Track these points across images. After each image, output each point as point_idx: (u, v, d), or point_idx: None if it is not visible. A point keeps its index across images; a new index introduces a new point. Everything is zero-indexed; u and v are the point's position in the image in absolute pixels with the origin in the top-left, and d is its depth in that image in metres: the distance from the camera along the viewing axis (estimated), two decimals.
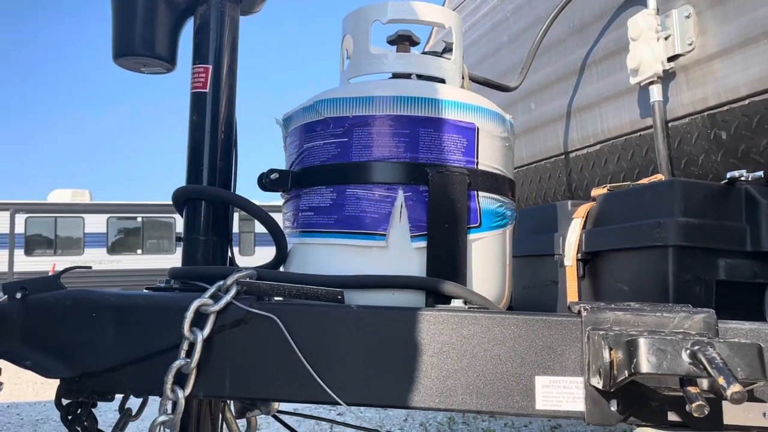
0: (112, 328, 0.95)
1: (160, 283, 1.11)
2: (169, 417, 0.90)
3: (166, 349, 0.93)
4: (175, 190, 1.17)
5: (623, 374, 0.76)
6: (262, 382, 0.92)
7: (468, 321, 0.89)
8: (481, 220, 1.10)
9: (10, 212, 14.70)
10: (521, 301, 1.58)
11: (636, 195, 1.24)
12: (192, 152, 1.19)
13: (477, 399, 0.88)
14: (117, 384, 0.97)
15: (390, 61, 1.16)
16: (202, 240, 1.16)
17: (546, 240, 1.47)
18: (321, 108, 1.11)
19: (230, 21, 1.22)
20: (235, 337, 0.92)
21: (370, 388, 0.90)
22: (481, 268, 1.10)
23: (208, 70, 1.19)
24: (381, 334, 0.90)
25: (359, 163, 1.06)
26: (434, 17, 1.19)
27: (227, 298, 0.91)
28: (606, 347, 0.79)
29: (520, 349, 0.88)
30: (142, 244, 15.89)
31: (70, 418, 1.04)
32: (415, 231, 1.05)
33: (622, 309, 0.85)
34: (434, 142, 1.06)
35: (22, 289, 0.98)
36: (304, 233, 1.11)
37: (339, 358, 0.90)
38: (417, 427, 3.94)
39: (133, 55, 1.18)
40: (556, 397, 0.87)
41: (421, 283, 1.02)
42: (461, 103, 1.09)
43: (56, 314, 0.97)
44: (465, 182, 1.06)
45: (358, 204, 1.06)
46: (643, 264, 1.15)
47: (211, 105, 1.19)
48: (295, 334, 0.90)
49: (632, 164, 1.71)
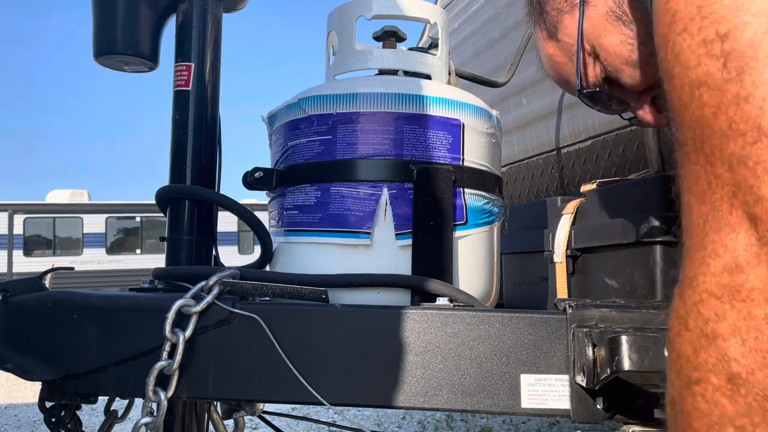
0: (94, 329, 0.95)
1: (144, 283, 1.10)
2: (152, 419, 0.90)
3: (149, 351, 0.92)
4: (158, 189, 1.16)
5: (606, 372, 0.76)
6: (245, 383, 0.91)
7: (453, 319, 0.88)
8: (467, 217, 1.09)
9: (8, 213, 14.70)
10: (512, 298, 1.57)
11: (624, 190, 1.23)
12: (175, 151, 1.18)
13: (462, 398, 0.87)
14: (100, 386, 0.96)
15: (375, 57, 1.15)
16: (186, 240, 1.15)
17: (536, 236, 1.46)
18: (305, 105, 1.10)
19: (213, 18, 1.20)
20: (217, 337, 0.91)
21: (355, 388, 0.89)
22: (468, 266, 1.09)
23: (190, 68, 1.18)
24: (365, 334, 0.90)
25: (343, 161, 1.05)
26: (419, 13, 1.18)
27: (209, 298, 0.90)
28: (590, 344, 0.78)
29: (505, 347, 0.87)
30: (141, 243, 15.90)
31: (53, 421, 1.03)
32: (400, 229, 1.04)
33: (608, 306, 0.85)
34: (419, 138, 1.05)
35: (3, 291, 0.97)
36: (288, 232, 1.10)
37: (323, 358, 0.90)
38: (415, 424, 3.94)
39: (115, 54, 1.16)
40: (541, 395, 0.86)
41: (406, 282, 1.01)
42: (446, 100, 1.08)
43: (38, 316, 0.96)
44: (451, 179, 1.05)
45: (342, 202, 1.05)
46: (631, 260, 1.15)
47: (194, 103, 1.18)
48: (279, 334, 0.90)
49: (623, 159, 1.70)
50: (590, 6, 0.91)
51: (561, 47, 0.98)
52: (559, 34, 0.97)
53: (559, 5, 0.96)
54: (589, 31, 0.92)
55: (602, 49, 0.92)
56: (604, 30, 0.91)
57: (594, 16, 0.91)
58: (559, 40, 0.97)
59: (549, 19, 0.98)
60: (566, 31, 0.95)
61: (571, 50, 0.96)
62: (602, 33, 0.91)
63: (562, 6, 0.95)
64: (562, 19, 0.96)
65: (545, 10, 0.98)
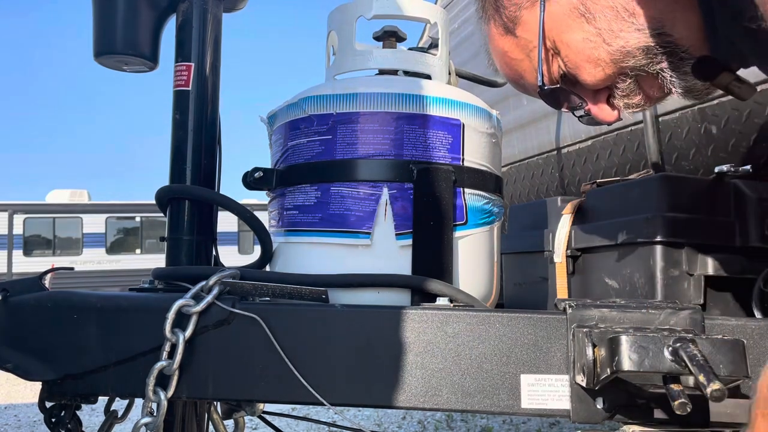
0: (94, 329, 0.94)
1: (144, 283, 1.10)
2: (152, 419, 0.90)
3: (149, 351, 0.92)
4: (158, 189, 1.16)
5: (606, 372, 0.76)
6: (245, 383, 0.91)
7: (453, 319, 0.88)
8: (468, 217, 1.09)
9: (8, 213, 14.70)
10: (512, 298, 1.57)
11: (624, 190, 1.23)
12: (175, 151, 1.18)
13: (462, 398, 0.87)
14: (100, 386, 0.96)
15: (375, 57, 1.15)
16: (186, 240, 1.15)
17: (536, 236, 1.46)
18: (305, 105, 1.10)
19: (213, 18, 1.20)
20: (217, 337, 0.91)
21: (354, 388, 0.89)
22: (468, 266, 1.09)
23: (190, 68, 1.18)
24: (365, 334, 0.89)
25: (343, 161, 1.05)
26: (419, 13, 1.18)
27: (209, 298, 0.90)
28: (589, 345, 0.78)
29: (505, 347, 0.87)
30: (141, 243, 15.90)
31: (53, 421, 1.03)
32: (400, 229, 1.04)
33: (608, 306, 0.85)
34: (419, 138, 1.05)
35: (3, 291, 0.97)
36: (288, 232, 1.10)
37: (323, 358, 0.90)
38: (415, 424, 3.94)
39: (115, 54, 1.16)
40: (541, 395, 0.86)
41: (406, 282, 1.01)
42: (446, 100, 1.08)
43: (38, 316, 0.96)
44: (451, 179, 1.05)
45: (342, 202, 1.05)
46: (631, 260, 1.15)
47: (194, 103, 1.18)
48: (279, 334, 0.89)
49: (624, 159, 1.70)
50: (552, 2, 0.89)
51: (518, 43, 0.95)
52: (517, 29, 0.94)
53: (518, 0, 0.93)
54: (551, 27, 0.90)
55: (563, 46, 0.90)
56: (566, 27, 0.89)
57: (556, 12, 0.89)
58: (516, 36, 0.95)
59: (506, 14, 0.95)
60: (525, 27, 0.93)
61: (529, 46, 0.94)
62: (564, 30, 0.89)
63: (522, 1, 0.93)
64: (521, 14, 0.93)
65: (502, 5, 0.95)
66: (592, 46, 0.88)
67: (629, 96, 0.91)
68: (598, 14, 0.86)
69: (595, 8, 0.86)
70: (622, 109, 0.93)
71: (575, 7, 0.88)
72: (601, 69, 0.89)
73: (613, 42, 0.86)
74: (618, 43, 0.86)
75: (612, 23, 0.86)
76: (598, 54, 0.88)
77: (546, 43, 0.92)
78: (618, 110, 0.95)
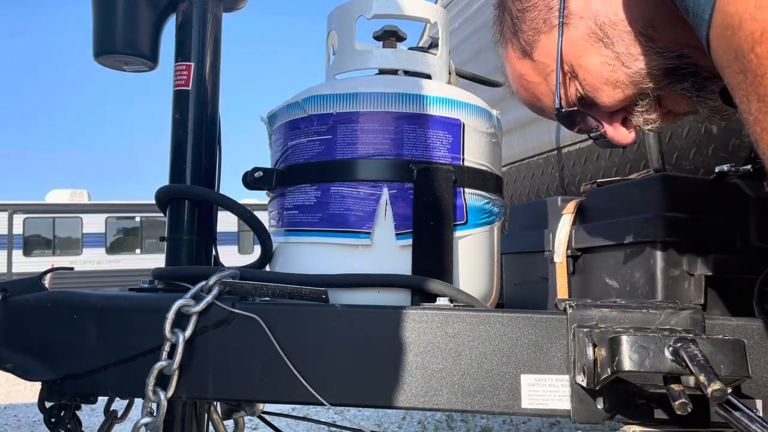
0: (93, 329, 0.94)
1: (144, 283, 1.10)
2: (152, 419, 0.89)
3: (149, 351, 0.92)
4: (158, 189, 1.16)
5: (607, 372, 0.75)
6: (245, 383, 0.91)
7: (453, 319, 0.88)
8: (468, 217, 1.09)
9: (8, 213, 14.70)
10: (512, 298, 1.57)
11: (624, 190, 1.23)
12: (175, 151, 1.18)
13: (462, 398, 0.87)
14: (100, 386, 0.96)
15: (375, 57, 1.15)
16: (186, 240, 1.15)
17: (537, 236, 1.46)
18: (305, 105, 1.10)
19: (213, 18, 1.20)
20: (217, 337, 0.91)
21: (355, 388, 0.89)
22: (468, 266, 1.09)
23: (190, 67, 1.18)
24: (365, 334, 0.89)
25: (343, 161, 1.05)
26: (419, 12, 1.18)
27: (209, 298, 0.90)
28: (590, 345, 0.78)
29: (505, 347, 0.87)
30: (140, 243, 15.90)
31: (53, 421, 1.03)
32: (400, 229, 1.04)
33: (608, 306, 0.84)
34: (419, 138, 1.05)
35: (3, 291, 0.97)
36: (288, 232, 1.10)
37: (323, 358, 0.89)
38: (415, 424, 3.94)
39: (115, 53, 1.16)
40: (542, 395, 0.86)
41: (407, 282, 1.01)
42: (446, 99, 1.08)
43: (37, 316, 0.96)
44: (451, 179, 1.05)
45: (342, 202, 1.05)
46: (631, 260, 1.15)
47: (194, 103, 1.17)
48: (278, 334, 0.89)
49: (623, 159, 1.70)
50: (570, 27, 0.90)
51: (535, 67, 0.97)
52: (534, 53, 0.95)
53: (536, 25, 0.94)
54: (568, 51, 0.91)
55: (581, 69, 0.91)
56: (584, 51, 0.90)
57: (574, 37, 0.90)
58: (534, 60, 0.96)
59: (524, 38, 0.96)
60: (543, 51, 0.94)
61: (547, 70, 0.95)
62: (582, 54, 0.90)
63: (540, 26, 0.94)
64: (539, 38, 0.94)
65: (520, 29, 0.96)
66: (610, 69, 0.88)
67: (648, 111, 0.92)
68: (616, 39, 0.87)
69: (613, 33, 0.87)
70: (642, 125, 0.93)
71: (593, 32, 0.88)
72: (621, 90, 0.89)
73: (632, 65, 0.87)
74: (637, 65, 0.87)
75: (630, 47, 0.86)
76: (617, 76, 0.88)
77: (564, 67, 0.92)
78: (634, 131, 0.95)
